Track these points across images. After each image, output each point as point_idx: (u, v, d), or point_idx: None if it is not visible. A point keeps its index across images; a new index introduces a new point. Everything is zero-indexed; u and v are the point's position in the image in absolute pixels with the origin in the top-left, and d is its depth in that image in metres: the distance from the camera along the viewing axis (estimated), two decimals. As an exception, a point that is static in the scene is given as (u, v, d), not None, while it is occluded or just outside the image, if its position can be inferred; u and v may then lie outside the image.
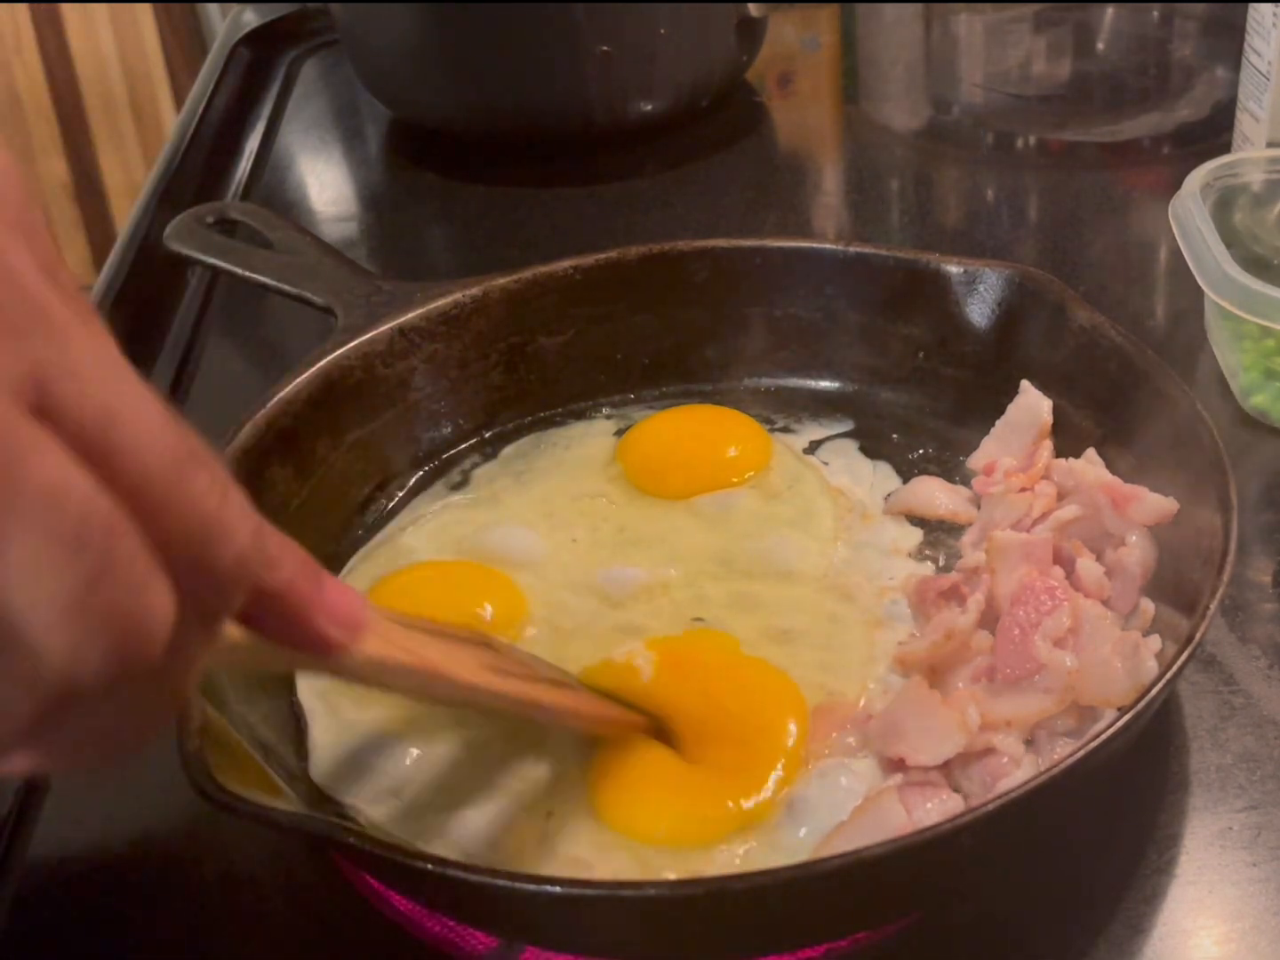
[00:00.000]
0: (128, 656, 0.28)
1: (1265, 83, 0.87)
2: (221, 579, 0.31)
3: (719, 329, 0.74)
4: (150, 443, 0.29)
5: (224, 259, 0.75)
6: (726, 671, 0.57)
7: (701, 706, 0.54)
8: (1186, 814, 0.53)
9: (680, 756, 0.52)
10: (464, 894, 0.45)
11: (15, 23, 2.12)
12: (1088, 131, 1.11)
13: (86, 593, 0.27)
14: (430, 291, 0.70)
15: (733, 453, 0.69)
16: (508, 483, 0.69)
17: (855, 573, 0.62)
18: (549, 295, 0.72)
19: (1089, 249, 0.92)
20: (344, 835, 0.43)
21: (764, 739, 0.53)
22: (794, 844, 0.50)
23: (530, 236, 0.98)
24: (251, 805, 0.43)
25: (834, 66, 1.28)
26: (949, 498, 0.64)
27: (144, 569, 0.28)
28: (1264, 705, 0.57)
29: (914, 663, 0.55)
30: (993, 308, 0.68)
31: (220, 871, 0.54)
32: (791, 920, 0.46)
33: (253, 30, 1.28)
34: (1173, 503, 0.56)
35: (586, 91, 1.02)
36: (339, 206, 1.08)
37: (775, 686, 0.55)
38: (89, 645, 0.27)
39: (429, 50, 1.04)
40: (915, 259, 0.70)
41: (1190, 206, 0.74)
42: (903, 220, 1.01)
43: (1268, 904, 0.49)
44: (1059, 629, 0.52)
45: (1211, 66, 1.18)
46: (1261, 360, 0.72)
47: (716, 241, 0.73)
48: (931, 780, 0.50)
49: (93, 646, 0.27)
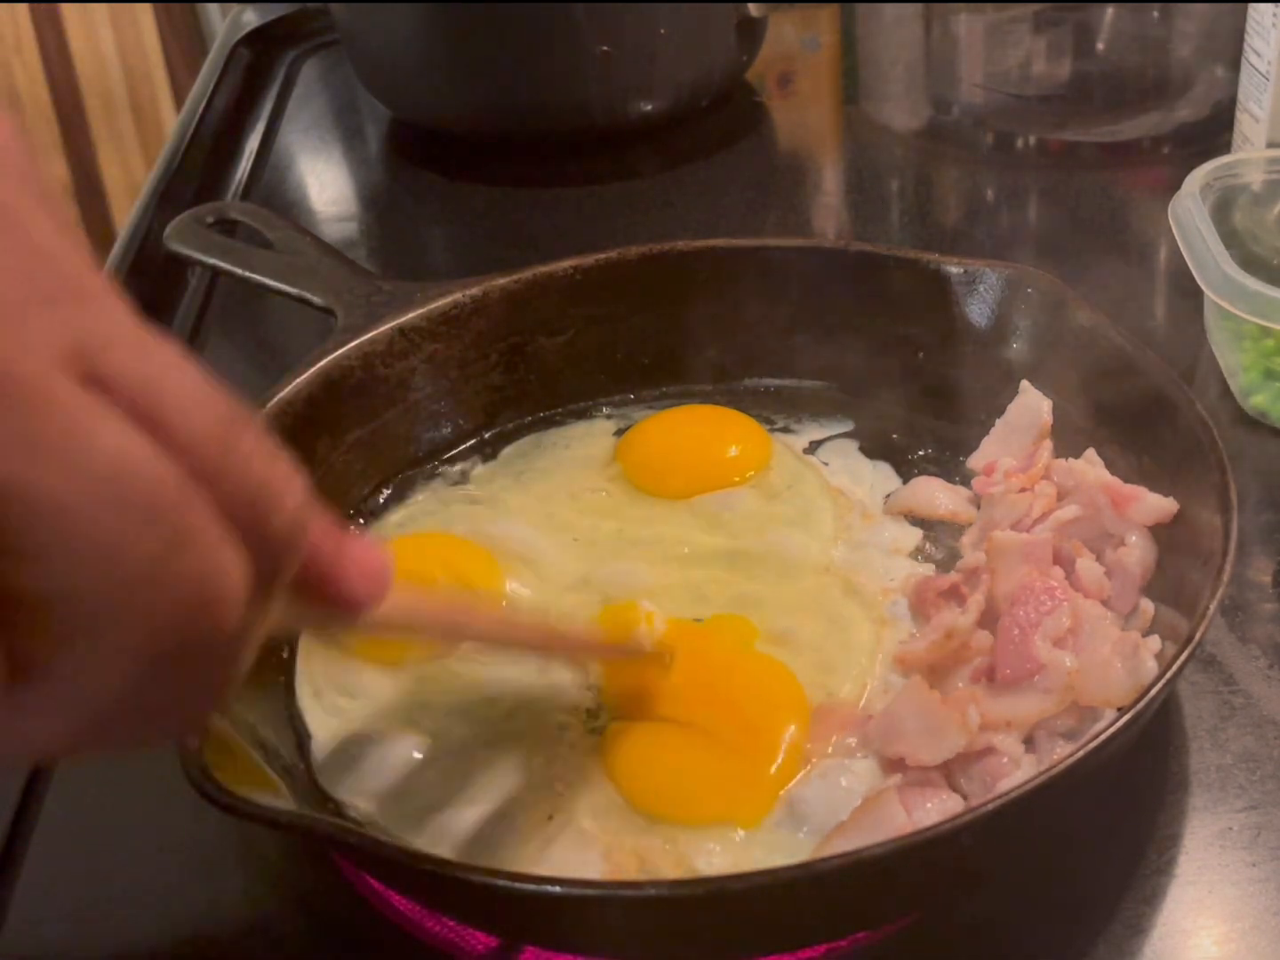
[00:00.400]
0: (206, 625, 0.28)
1: (1265, 83, 0.87)
2: (278, 542, 0.30)
3: (719, 329, 0.73)
4: (197, 408, 0.28)
5: (224, 259, 0.75)
6: (735, 667, 0.57)
7: (708, 698, 0.55)
8: (1186, 814, 0.53)
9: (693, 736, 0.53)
10: (464, 894, 0.45)
11: (15, 23, 2.12)
12: (1088, 131, 1.11)
13: (163, 563, 0.26)
14: (430, 291, 0.70)
15: (733, 452, 0.69)
16: (508, 482, 0.69)
17: (855, 573, 0.62)
18: (549, 295, 0.71)
19: (1089, 249, 0.92)
20: (344, 835, 0.43)
21: (767, 733, 0.53)
22: (794, 844, 0.50)
23: (530, 236, 0.98)
24: (251, 805, 0.43)
25: (834, 66, 1.28)
26: (949, 498, 0.64)
27: (216, 536, 0.28)
28: (1264, 705, 0.57)
29: (914, 663, 0.55)
30: (993, 308, 0.68)
31: (220, 871, 0.54)
32: (791, 920, 0.46)
33: (253, 30, 1.28)
34: (1173, 503, 0.56)
35: (586, 91, 1.02)
36: (339, 206, 1.08)
37: (781, 684, 0.55)
38: (168, 616, 0.27)
39: (429, 50, 1.04)
40: (915, 259, 0.70)
41: (1190, 206, 0.74)
42: (903, 220, 1.01)
43: (1268, 904, 0.49)
44: (1059, 629, 0.52)
45: (1211, 66, 1.18)
46: (1261, 360, 0.72)
47: (716, 241, 0.73)
48: (931, 780, 0.50)
49: (172, 617, 0.27)
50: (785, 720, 0.53)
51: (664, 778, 0.52)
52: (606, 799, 0.52)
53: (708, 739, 0.53)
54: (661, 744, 0.53)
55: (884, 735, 0.52)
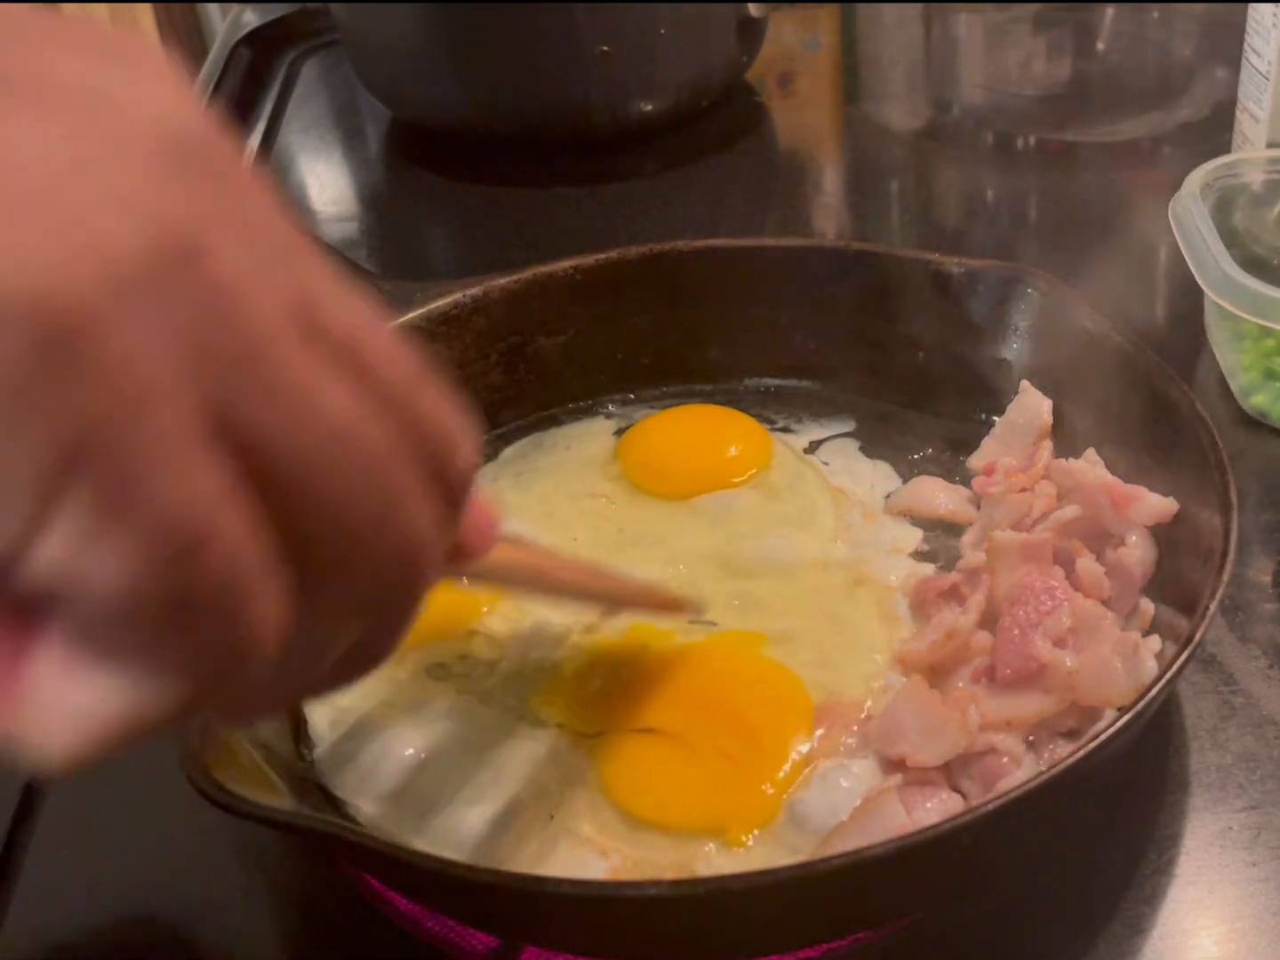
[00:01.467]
0: (414, 576, 0.29)
1: (1265, 83, 0.87)
2: (458, 488, 0.32)
3: (719, 329, 0.74)
4: (392, 360, 0.29)
5: (224, 259, 0.75)
6: (739, 673, 0.57)
7: (712, 705, 0.55)
8: (1186, 814, 0.53)
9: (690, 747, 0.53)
10: (464, 894, 0.45)
11: (15, 23, 2.12)
12: (1088, 131, 1.11)
13: (381, 523, 0.28)
14: (430, 291, 0.70)
15: (734, 452, 0.69)
16: (508, 482, 0.69)
17: (855, 573, 0.62)
18: (549, 295, 0.71)
19: (1089, 249, 0.92)
20: (344, 835, 0.43)
21: (772, 740, 0.53)
22: (794, 844, 0.50)
23: (530, 236, 0.98)
24: (251, 805, 0.43)
25: (834, 66, 1.28)
26: (949, 498, 0.64)
27: (420, 492, 0.29)
28: (1264, 705, 0.57)
29: (914, 663, 0.55)
30: (993, 308, 0.68)
31: (220, 871, 0.54)
32: (792, 920, 0.46)
33: (253, 30, 1.28)
34: (1173, 503, 0.56)
35: (586, 91, 1.02)
36: (339, 206, 1.08)
37: (786, 690, 0.55)
38: (389, 572, 0.28)
39: (429, 50, 1.04)
40: (915, 259, 0.70)
41: (1190, 206, 0.74)
42: (903, 220, 1.01)
43: (1268, 904, 0.49)
44: (1059, 629, 0.52)
45: (1211, 66, 1.18)
46: (1261, 360, 0.72)
47: (716, 241, 0.73)
48: (931, 780, 0.50)
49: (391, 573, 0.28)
50: (790, 729, 0.53)
51: (664, 792, 0.52)
52: (606, 800, 0.52)
53: (710, 749, 0.53)
54: (659, 757, 0.53)
55: (884, 735, 0.52)
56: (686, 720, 0.54)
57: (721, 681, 0.56)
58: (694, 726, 0.53)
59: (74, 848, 0.55)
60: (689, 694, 0.55)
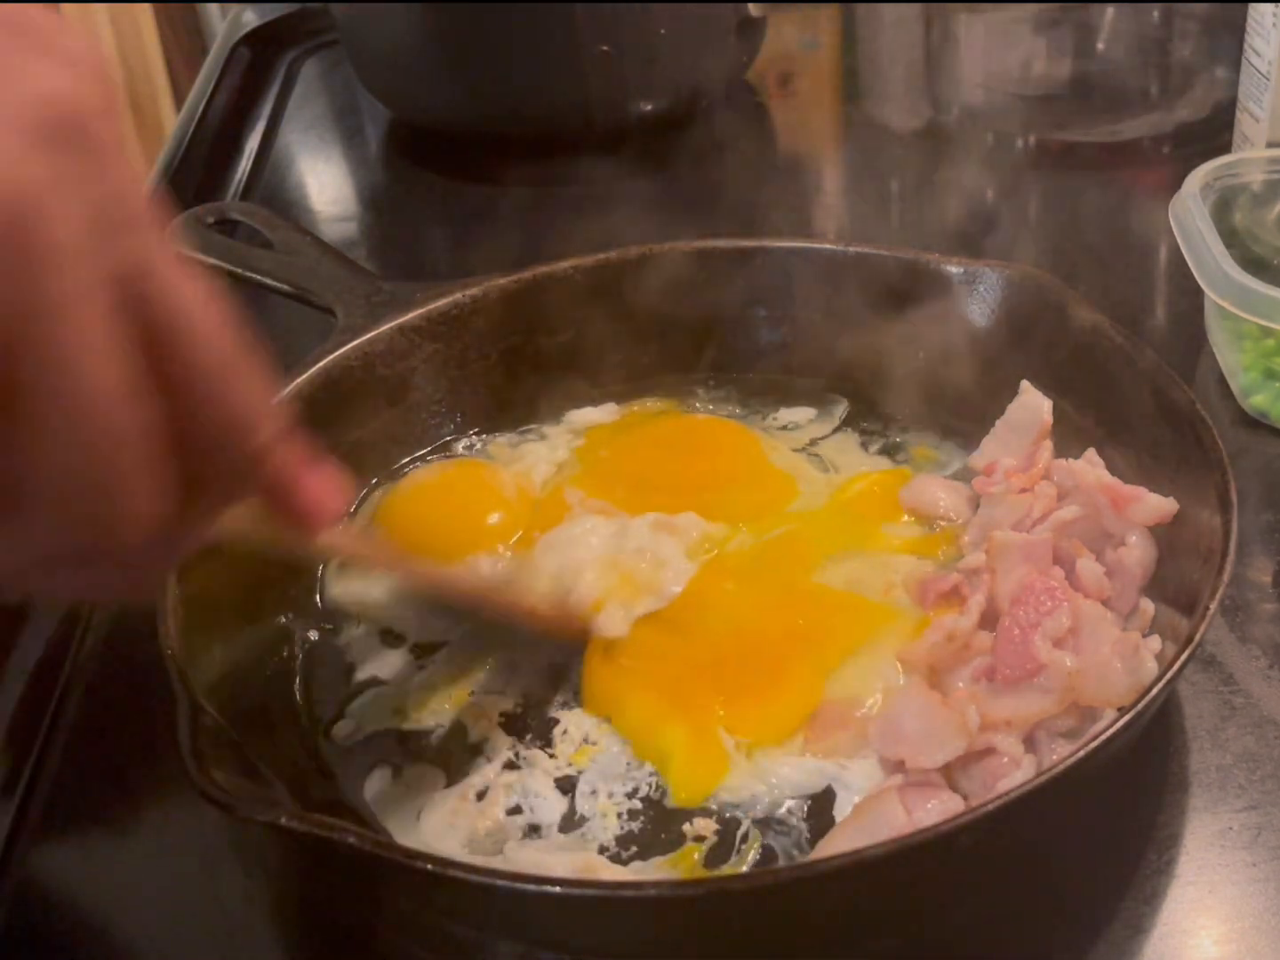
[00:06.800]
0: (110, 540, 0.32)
1: (1265, 83, 0.87)
2: (234, 472, 0.35)
3: (719, 329, 0.74)
4: (205, 344, 0.33)
5: (224, 259, 0.75)
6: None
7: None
8: (1186, 814, 0.53)
9: None
10: (464, 894, 0.45)
11: (15, 23, 2.12)
12: (1088, 131, 1.11)
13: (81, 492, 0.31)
14: (430, 291, 0.70)
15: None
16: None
17: (855, 572, 0.61)
18: (549, 295, 0.72)
19: (1089, 249, 0.92)
20: (344, 835, 0.43)
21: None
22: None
23: (530, 236, 0.98)
24: (251, 805, 0.43)
25: (834, 66, 1.28)
26: (949, 498, 0.64)
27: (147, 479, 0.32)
28: (1264, 705, 0.57)
29: (914, 663, 0.55)
30: (993, 308, 0.68)
31: (220, 871, 0.54)
32: (792, 920, 0.46)
33: (253, 30, 1.28)
34: (1173, 503, 0.56)
35: (586, 91, 1.02)
36: (339, 206, 1.08)
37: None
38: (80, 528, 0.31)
39: (429, 50, 1.04)
40: (915, 259, 0.70)
41: (1190, 206, 0.74)
42: (903, 220, 1.01)
43: (1268, 904, 0.49)
44: (1059, 629, 0.52)
45: (1211, 66, 1.18)
46: (1261, 360, 0.72)
47: (716, 241, 0.73)
48: (931, 780, 0.50)
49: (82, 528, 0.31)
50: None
51: None
52: (606, 786, 0.52)
53: None
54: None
55: (884, 737, 0.52)
56: None
57: None
58: None
59: (74, 848, 0.55)
60: None
